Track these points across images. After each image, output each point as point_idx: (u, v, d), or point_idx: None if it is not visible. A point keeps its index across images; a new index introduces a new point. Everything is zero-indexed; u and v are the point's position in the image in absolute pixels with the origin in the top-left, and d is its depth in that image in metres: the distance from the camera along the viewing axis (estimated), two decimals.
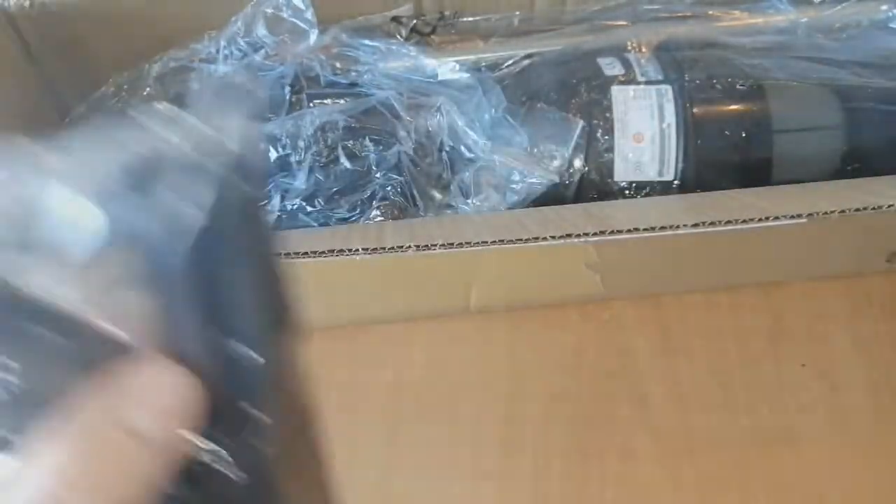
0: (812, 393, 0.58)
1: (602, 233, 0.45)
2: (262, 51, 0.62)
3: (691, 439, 0.56)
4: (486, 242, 0.44)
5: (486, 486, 0.55)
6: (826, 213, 0.44)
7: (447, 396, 0.59)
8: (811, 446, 0.56)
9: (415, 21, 0.65)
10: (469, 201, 0.57)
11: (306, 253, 0.44)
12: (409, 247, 0.44)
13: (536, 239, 0.44)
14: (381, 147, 0.58)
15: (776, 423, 0.57)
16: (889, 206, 0.44)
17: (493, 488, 0.55)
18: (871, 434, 0.57)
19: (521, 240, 0.44)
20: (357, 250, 0.44)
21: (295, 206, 0.58)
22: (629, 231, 0.44)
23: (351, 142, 0.59)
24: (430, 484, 0.56)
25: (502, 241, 0.44)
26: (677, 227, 0.44)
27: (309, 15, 0.61)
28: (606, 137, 0.56)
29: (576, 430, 0.57)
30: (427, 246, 0.44)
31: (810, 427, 0.57)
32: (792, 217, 0.44)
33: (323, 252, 0.44)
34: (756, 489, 0.55)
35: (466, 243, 0.45)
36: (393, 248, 0.44)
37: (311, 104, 0.60)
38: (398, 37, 0.65)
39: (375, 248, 0.44)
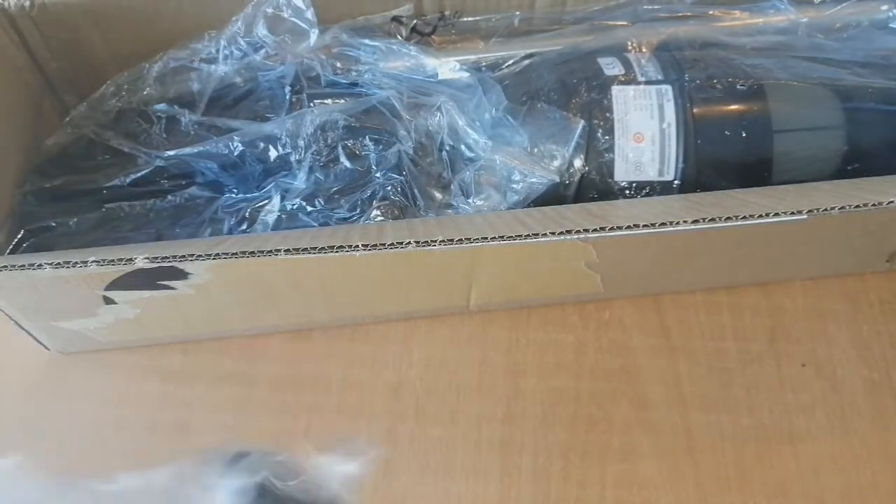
0: (812, 393, 0.58)
1: (602, 229, 0.44)
2: (263, 51, 0.62)
3: (691, 439, 0.56)
4: (486, 238, 0.44)
5: (486, 485, 0.55)
6: (826, 209, 0.44)
7: (447, 396, 0.58)
8: (811, 446, 0.56)
9: (415, 21, 0.65)
10: (470, 201, 0.57)
11: (305, 249, 0.44)
12: (409, 243, 0.44)
13: (536, 235, 0.44)
14: (381, 146, 0.58)
15: (776, 423, 0.57)
16: (889, 202, 0.44)
17: (493, 488, 0.55)
18: (871, 434, 0.57)
19: (520, 236, 0.44)
20: (357, 246, 0.44)
21: (295, 206, 0.58)
22: (629, 228, 0.44)
23: (351, 141, 0.58)
24: (430, 484, 0.55)
25: (502, 237, 0.44)
26: (677, 223, 0.44)
27: (309, 15, 0.61)
28: (607, 137, 0.56)
29: (576, 430, 0.57)
30: (427, 242, 0.44)
31: (810, 427, 0.57)
32: (792, 214, 0.44)
33: (323, 248, 0.44)
34: (756, 489, 0.55)
35: (466, 239, 0.44)
36: (392, 244, 0.44)
37: (311, 104, 0.60)
38: (398, 37, 0.65)
39: (375, 245, 0.44)
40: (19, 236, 0.58)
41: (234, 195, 0.59)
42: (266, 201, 0.58)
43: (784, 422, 0.57)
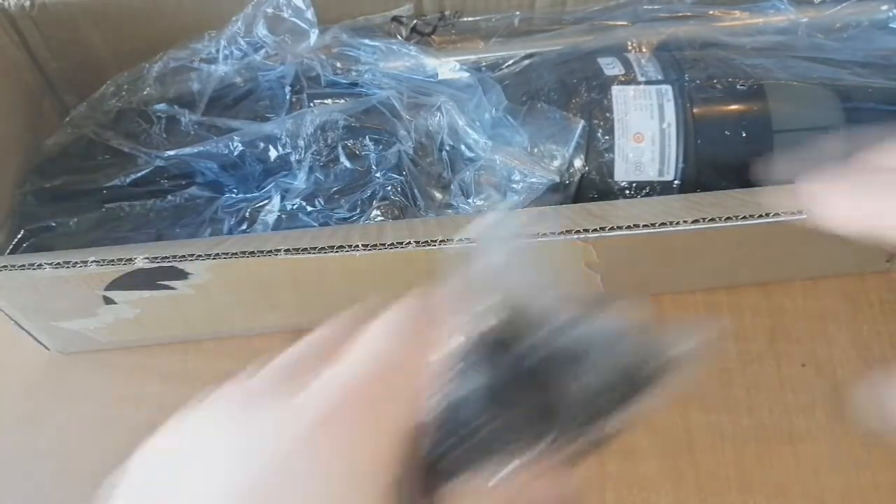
0: (812, 393, 0.58)
1: (602, 229, 0.44)
2: (263, 51, 0.62)
3: (691, 439, 0.56)
4: None
5: None
6: None
7: None
8: (811, 446, 0.56)
9: (415, 21, 0.65)
10: (470, 201, 0.57)
11: (305, 249, 0.44)
12: (409, 243, 0.44)
13: (536, 235, 0.44)
14: (381, 146, 0.58)
15: (776, 423, 0.57)
16: None
17: None
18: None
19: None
20: (357, 246, 0.44)
21: (295, 206, 0.58)
22: (629, 227, 0.44)
23: (351, 141, 0.58)
24: None
25: None
26: (677, 223, 0.44)
27: (309, 15, 0.61)
28: (607, 137, 0.56)
29: None
30: (427, 242, 0.44)
31: (810, 427, 0.57)
32: (792, 213, 0.44)
33: (323, 248, 0.44)
34: (756, 489, 0.55)
35: (467, 239, 0.44)
36: (392, 244, 0.44)
37: (311, 104, 0.60)
38: (398, 37, 0.65)
39: (375, 245, 0.44)
40: (19, 236, 0.58)
41: (234, 195, 0.59)
42: (266, 201, 0.58)
43: (784, 422, 0.57)
